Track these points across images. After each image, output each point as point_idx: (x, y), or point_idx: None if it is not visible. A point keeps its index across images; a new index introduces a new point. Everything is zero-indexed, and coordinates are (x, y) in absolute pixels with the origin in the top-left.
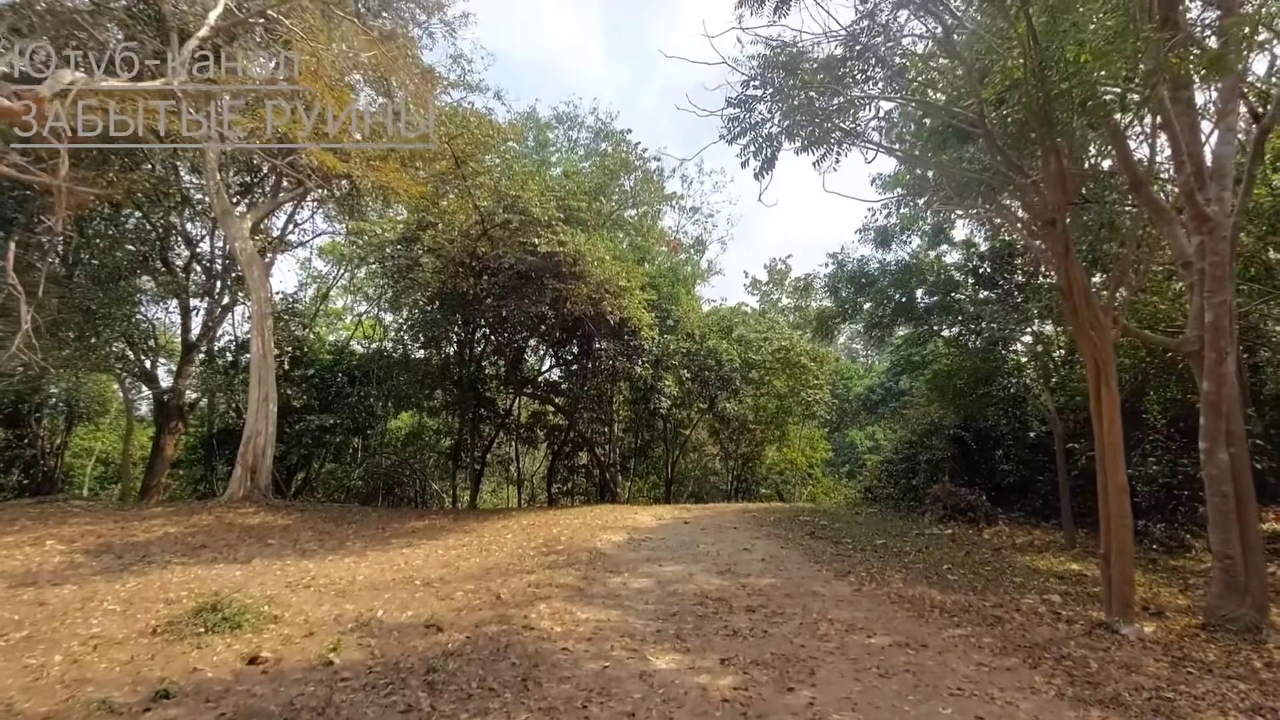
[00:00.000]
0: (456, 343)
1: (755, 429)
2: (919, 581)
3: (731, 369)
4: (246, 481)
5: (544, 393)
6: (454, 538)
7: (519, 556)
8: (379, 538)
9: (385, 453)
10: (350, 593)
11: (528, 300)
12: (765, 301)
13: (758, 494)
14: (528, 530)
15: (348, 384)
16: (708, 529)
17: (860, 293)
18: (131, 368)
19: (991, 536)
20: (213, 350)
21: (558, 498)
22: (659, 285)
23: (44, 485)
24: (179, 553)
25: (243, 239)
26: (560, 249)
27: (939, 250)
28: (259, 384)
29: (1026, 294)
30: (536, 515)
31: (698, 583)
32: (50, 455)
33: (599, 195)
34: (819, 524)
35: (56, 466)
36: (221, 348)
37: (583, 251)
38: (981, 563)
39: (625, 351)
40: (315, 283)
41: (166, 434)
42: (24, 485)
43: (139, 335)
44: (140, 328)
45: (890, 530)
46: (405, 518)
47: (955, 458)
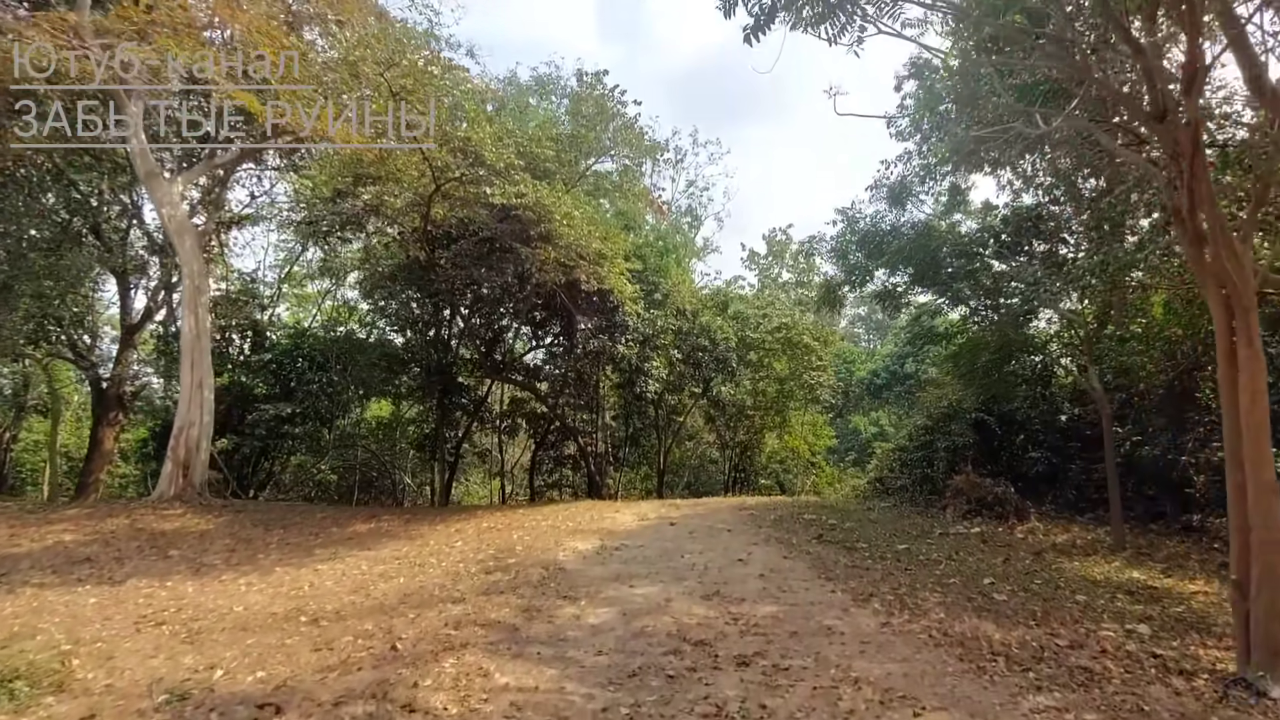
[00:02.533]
0: (421, 323)
1: (754, 415)
2: (962, 607)
3: (727, 349)
4: (178, 479)
5: (523, 377)
6: (391, 547)
7: (456, 575)
8: (303, 547)
9: (355, 444)
10: (207, 636)
11: (493, 271)
12: (764, 277)
13: (757, 485)
14: (483, 536)
15: (308, 369)
16: (697, 531)
17: (873, 256)
18: (55, 351)
19: (1026, 535)
20: (167, 333)
21: (543, 491)
22: (645, 255)
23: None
24: (50, 569)
25: (171, 205)
26: (518, 201)
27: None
28: (192, 368)
29: (1057, 263)
30: (504, 515)
31: (675, 614)
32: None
33: (573, 147)
34: (826, 523)
35: (4, 461)
36: (175, 330)
37: (546, 206)
38: (1026, 573)
39: (606, 329)
40: (282, 264)
41: (105, 425)
42: None
43: (67, 316)
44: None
45: (909, 529)
46: (353, 519)
47: (977, 444)
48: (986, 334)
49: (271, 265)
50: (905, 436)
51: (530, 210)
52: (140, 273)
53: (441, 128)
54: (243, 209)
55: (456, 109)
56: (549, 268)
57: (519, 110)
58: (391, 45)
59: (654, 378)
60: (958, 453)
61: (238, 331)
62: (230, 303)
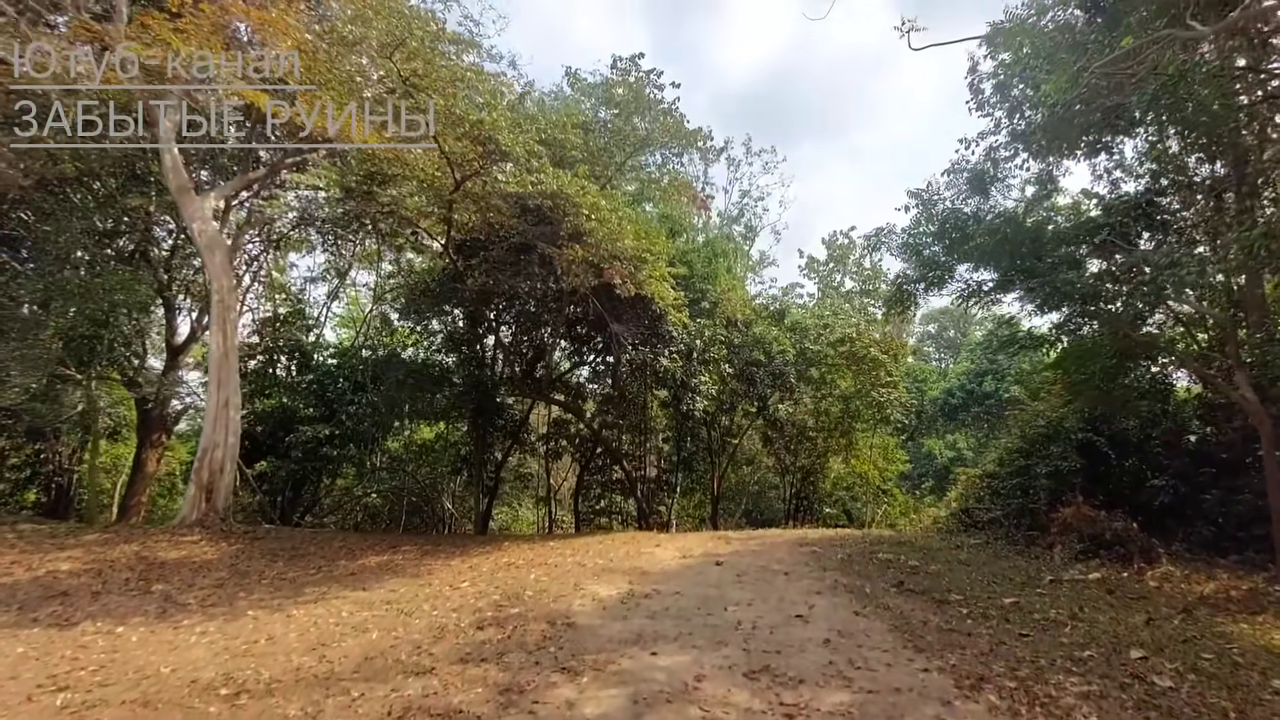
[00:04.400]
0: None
1: (816, 436)
2: (1115, 699)
3: (784, 363)
4: (200, 503)
5: (565, 397)
6: (389, 587)
7: (440, 631)
8: (296, 584)
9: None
10: (98, 710)
11: (523, 277)
12: (825, 285)
13: (821, 514)
14: (497, 575)
15: (349, 390)
16: (747, 574)
17: (954, 249)
18: (102, 373)
19: (1161, 584)
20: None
21: (590, 518)
22: (691, 261)
23: (59, 503)
24: (17, 606)
25: (203, 220)
26: (534, 189)
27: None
28: (219, 387)
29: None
30: (533, 548)
31: (705, 703)
32: (64, 472)
33: (604, 134)
34: (906, 564)
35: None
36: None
37: (570, 197)
38: (1184, 641)
39: (648, 339)
40: (326, 275)
41: (149, 448)
42: (41, 503)
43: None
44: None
45: (1011, 575)
46: (370, 549)
47: (1084, 470)
48: (1099, 337)
49: (313, 280)
50: (994, 461)
51: (551, 201)
52: (186, 293)
53: (450, 110)
54: (290, 228)
55: (469, 88)
56: (578, 269)
57: (543, 102)
58: (396, 21)
59: (702, 395)
60: (1062, 480)
61: (284, 352)
62: (277, 323)
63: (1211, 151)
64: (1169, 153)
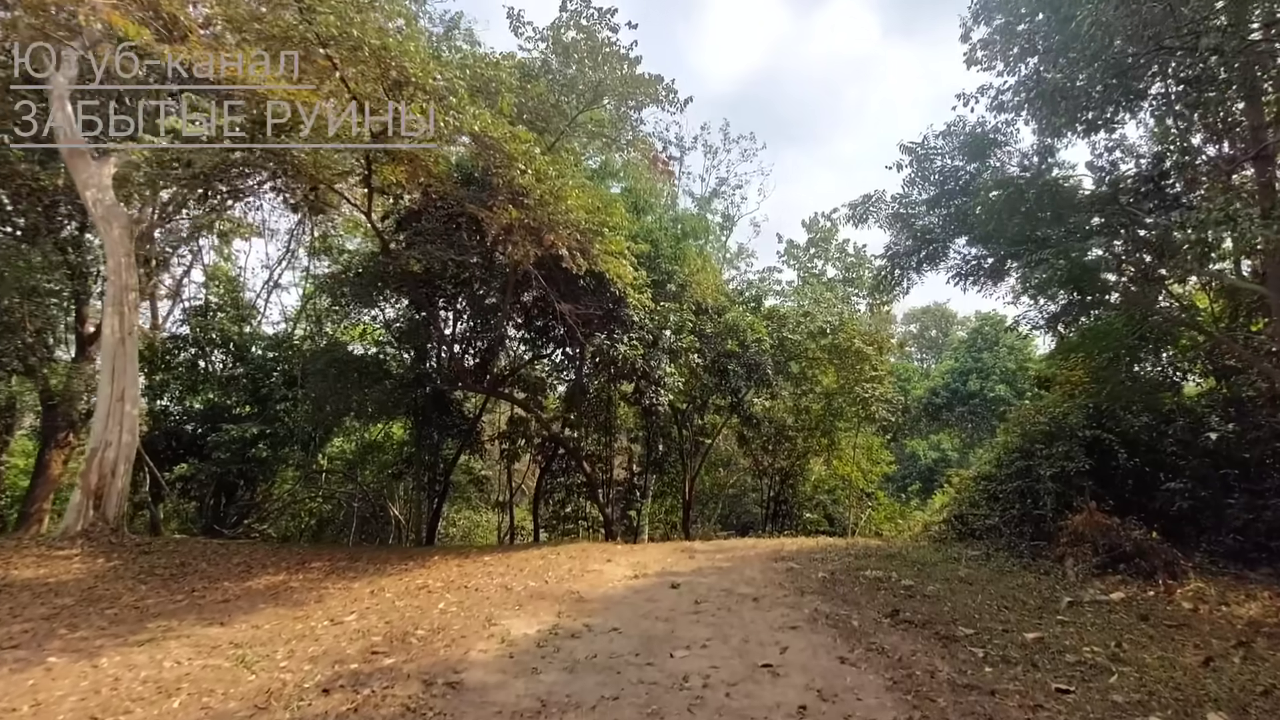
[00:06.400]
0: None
1: (796, 436)
2: None
3: (759, 352)
4: (88, 512)
5: (524, 393)
6: (255, 621)
7: (270, 696)
8: (149, 614)
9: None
10: None
11: (451, 248)
12: (805, 272)
13: (801, 519)
14: (399, 602)
15: (282, 385)
16: (707, 600)
17: (953, 221)
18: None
19: (1195, 604)
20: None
21: (554, 525)
22: (657, 239)
23: None
24: None
25: (99, 187)
26: (449, 126)
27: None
28: (112, 378)
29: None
30: (463, 564)
31: None
32: None
33: (545, 76)
34: (899, 584)
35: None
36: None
37: (497, 142)
38: (1259, 689)
39: (604, 324)
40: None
41: (53, 448)
42: None
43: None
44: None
45: (1021, 596)
46: (272, 567)
47: (1092, 473)
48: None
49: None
50: (991, 462)
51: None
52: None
53: (346, 31)
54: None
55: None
56: (518, 238)
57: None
58: None
59: (667, 388)
60: (1068, 482)
61: (216, 345)
62: (209, 312)
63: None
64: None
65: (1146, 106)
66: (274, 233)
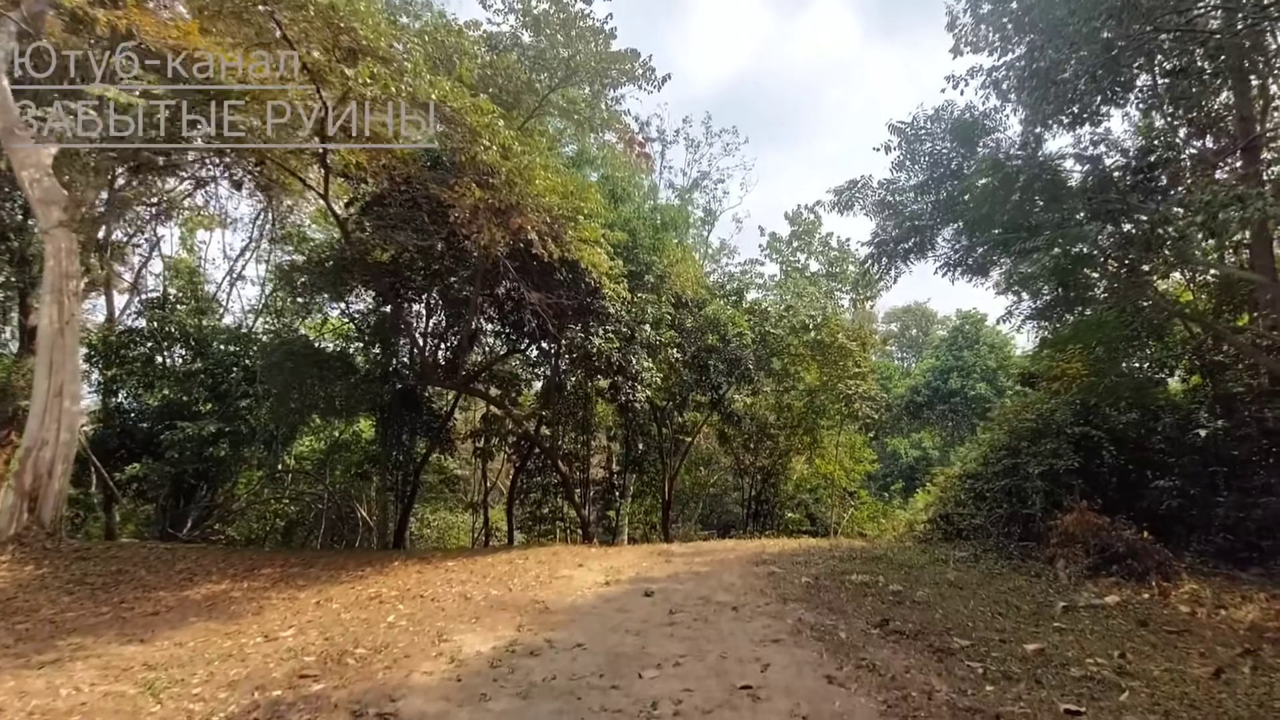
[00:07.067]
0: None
1: (778, 434)
2: None
3: (741, 347)
4: (21, 515)
5: (498, 389)
6: (181, 638)
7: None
8: (64, 629)
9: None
10: None
11: (411, 231)
12: (788, 266)
13: (783, 519)
14: (340, 617)
15: (242, 381)
16: (683, 611)
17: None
18: None
19: (1193, 608)
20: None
21: (530, 526)
22: (635, 229)
23: None
24: None
25: (36, 167)
26: (402, 94)
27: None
28: (50, 372)
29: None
30: (423, 569)
31: None
32: None
33: (531, 70)
34: (886, 589)
35: None
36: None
37: (458, 113)
38: (1259, 695)
39: (578, 315)
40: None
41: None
42: None
43: None
44: None
45: (1013, 600)
46: (216, 575)
47: (1081, 471)
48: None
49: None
50: (977, 460)
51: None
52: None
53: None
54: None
55: None
56: (483, 221)
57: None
58: None
59: (644, 383)
60: (1057, 480)
61: (174, 339)
62: (166, 304)
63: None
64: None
65: (1132, 100)
66: (235, 221)
